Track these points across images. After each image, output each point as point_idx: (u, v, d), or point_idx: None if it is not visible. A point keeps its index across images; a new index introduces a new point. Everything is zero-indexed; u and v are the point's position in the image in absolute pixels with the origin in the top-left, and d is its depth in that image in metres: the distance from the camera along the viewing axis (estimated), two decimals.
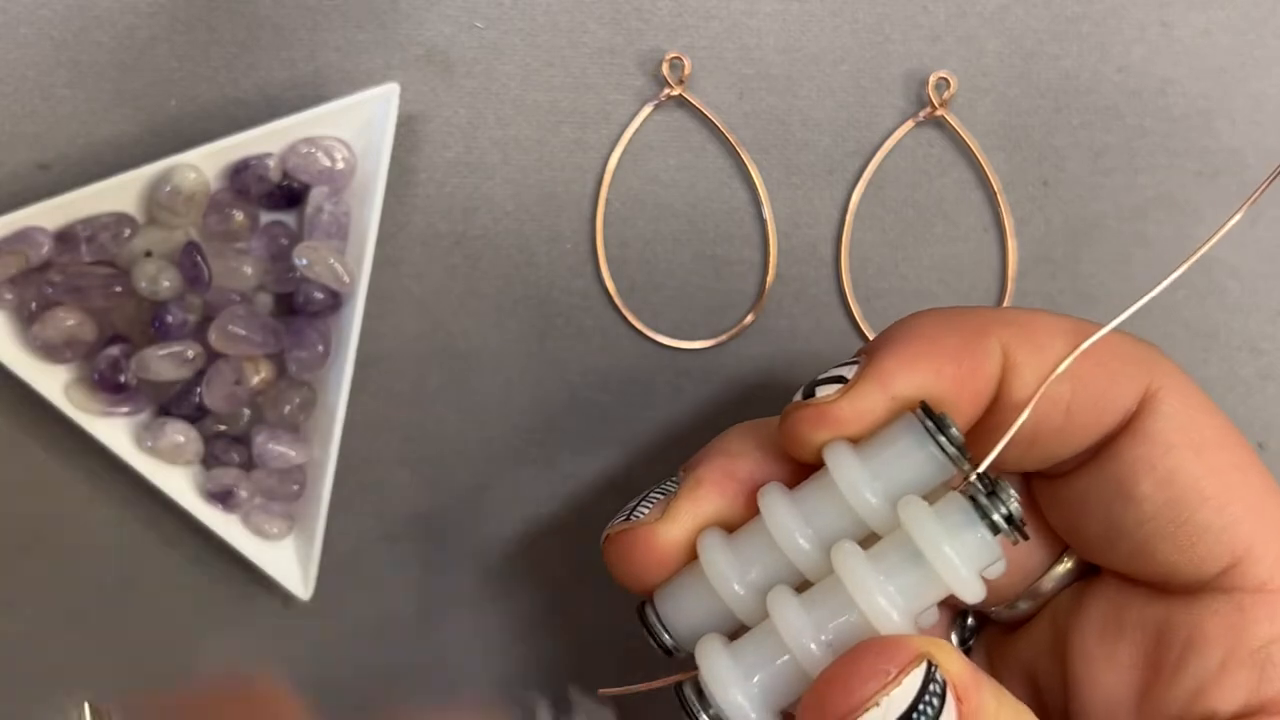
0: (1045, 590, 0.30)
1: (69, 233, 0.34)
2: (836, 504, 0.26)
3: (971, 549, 0.25)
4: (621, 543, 0.28)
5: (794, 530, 0.26)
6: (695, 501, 0.28)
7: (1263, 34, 0.38)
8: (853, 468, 0.26)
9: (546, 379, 0.38)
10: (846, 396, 0.27)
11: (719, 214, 0.38)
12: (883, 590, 0.25)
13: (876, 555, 0.26)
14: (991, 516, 0.25)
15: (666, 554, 0.28)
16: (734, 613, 0.27)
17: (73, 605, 0.37)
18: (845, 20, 0.38)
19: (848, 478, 0.26)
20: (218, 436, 0.36)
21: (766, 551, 0.27)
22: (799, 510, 0.27)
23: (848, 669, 0.24)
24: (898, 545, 0.26)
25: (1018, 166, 0.38)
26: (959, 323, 0.28)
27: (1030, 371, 0.27)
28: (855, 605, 0.25)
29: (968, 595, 0.25)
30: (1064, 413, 0.27)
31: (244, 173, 0.35)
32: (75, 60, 0.36)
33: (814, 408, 0.27)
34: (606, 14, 0.37)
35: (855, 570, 0.25)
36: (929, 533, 0.25)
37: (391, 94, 0.35)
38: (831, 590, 0.26)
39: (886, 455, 0.26)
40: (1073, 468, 0.28)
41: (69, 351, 0.35)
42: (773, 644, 0.26)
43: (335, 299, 0.36)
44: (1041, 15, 0.38)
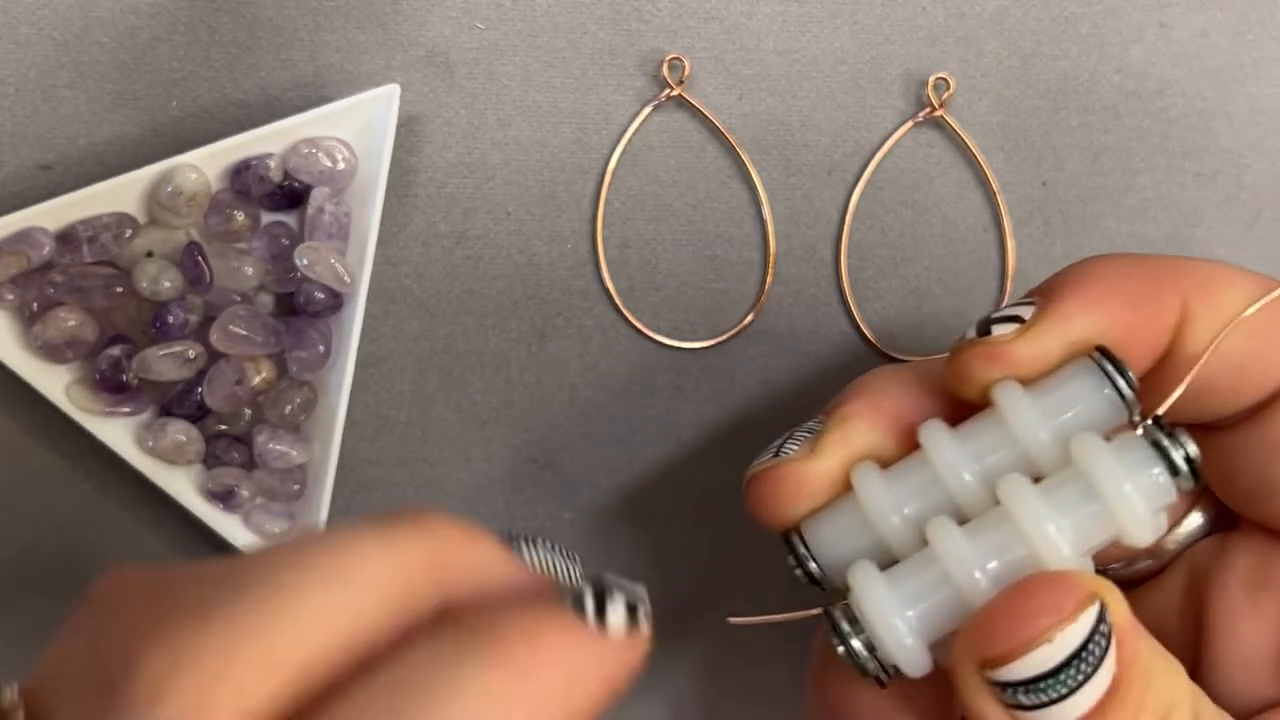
0: (1169, 549, 0.30)
1: (70, 233, 0.34)
2: (1005, 442, 0.26)
3: (1149, 488, 0.25)
4: (768, 480, 0.27)
5: (959, 463, 0.26)
6: (846, 436, 0.27)
7: (1261, 35, 0.38)
8: (1026, 406, 0.26)
9: (546, 379, 0.38)
10: (1025, 336, 0.26)
11: (719, 214, 0.38)
12: (1056, 523, 0.24)
13: (1048, 489, 0.25)
14: (1171, 457, 0.25)
15: (817, 489, 0.27)
16: (889, 546, 0.26)
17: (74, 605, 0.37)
18: (845, 21, 0.38)
19: (1021, 415, 0.25)
20: (219, 436, 0.36)
21: (927, 486, 0.26)
22: (964, 445, 0.26)
23: (1021, 601, 0.24)
24: (1072, 480, 0.25)
25: (1017, 167, 0.38)
26: (1139, 270, 0.27)
27: (1206, 326, 0.27)
28: (1025, 537, 0.24)
29: (1142, 536, 0.25)
30: (1236, 369, 0.27)
31: (245, 173, 0.35)
32: (77, 61, 0.36)
33: (989, 345, 0.26)
34: (607, 15, 0.37)
35: (1027, 502, 0.25)
36: (1108, 468, 0.24)
37: (392, 95, 0.35)
38: (998, 522, 0.25)
39: (1061, 396, 0.26)
40: (1233, 423, 0.28)
41: (70, 352, 0.35)
42: (933, 572, 0.25)
43: (336, 299, 0.36)
44: (1040, 16, 0.38)
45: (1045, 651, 0.23)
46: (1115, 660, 0.24)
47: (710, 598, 0.39)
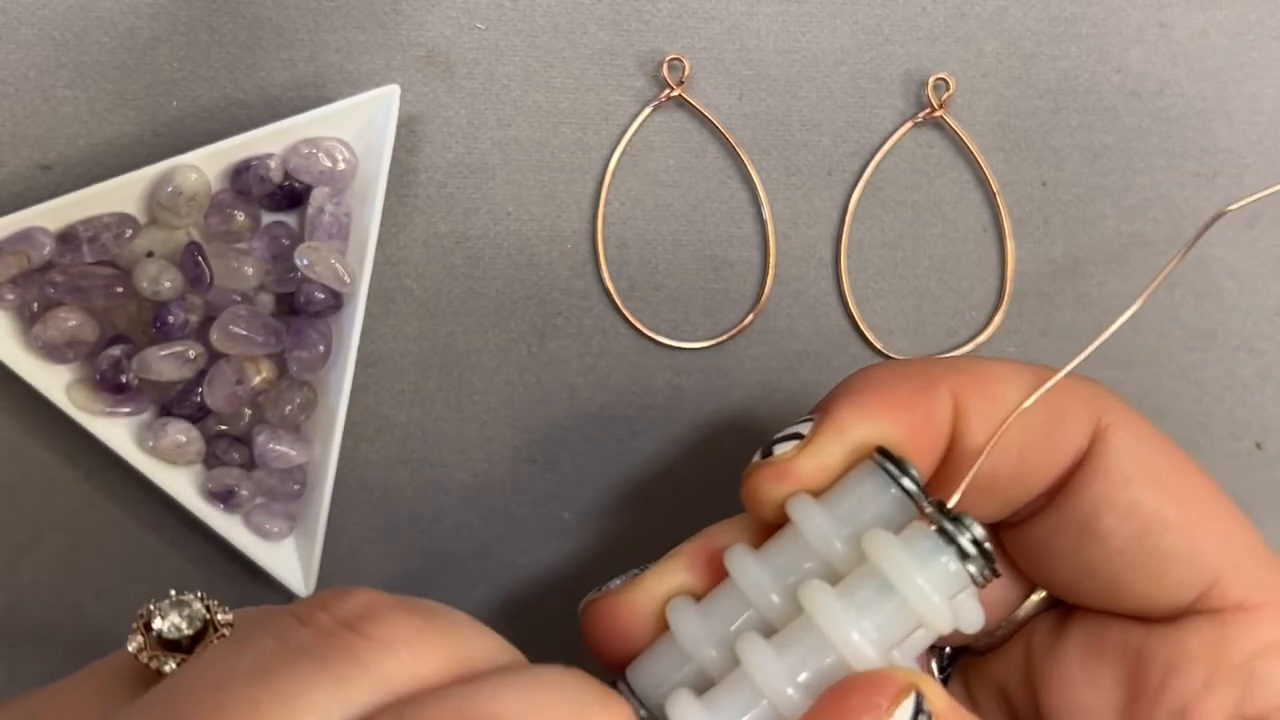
0: (1020, 619, 0.30)
1: (71, 233, 0.34)
2: (803, 554, 0.26)
3: (941, 577, 0.25)
4: (592, 612, 0.28)
5: (764, 583, 0.26)
6: (663, 572, 0.28)
7: (1260, 35, 0.38)
8: (817, 515, 0.26)
9: (546, 379, 0.38)
10: (805, 450, 0.27)
11: (719, 214, 0.38)
12: (857, 625, 0.25)
13: (846, 591, 0.25)
14: (959, 540, 0.25)
15: (636, 622, 0.28)
16: (708, 674, 0.26)
17: (74, 605, 0.37)
18: (845, 21, 0.38)
19: (813, 524, 0.26)
20: (219, 436, 0.36)
21: (736, 608, 0.26)
22: (767, 564, 0.26)
23: (839, 703, 0.24)
24: (867, 578, 0.25)
25: (1016, 167, 0.38)
26: (910, 373, 0.28)
27: (980, 417, 0.28)
28: (830, 644, 0.25)
29: (940, 623, 0.25)
30: (1017, 457, 0.28)
31: (245, 173, 0.35)
32: (77, 61, 0.36)
33: (773, 465, 0.27)
34: (606, 15, 0.37)
35: (827, 607, 0.25)
36: (898, 562, 0.25)
37: (392, 95, 0.35)
38: (804, 631, 0.25)
39: (849, 501, 0.26)
40: (1033, 512, 0.29)
41: (70, 352, 0.35)
42: (747, 691, 0.25)
43: (336, 299, 0.36)
44: (1040, 16, 0.38)
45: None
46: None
47: None
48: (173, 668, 0.23)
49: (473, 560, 0.38)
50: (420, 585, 0.38)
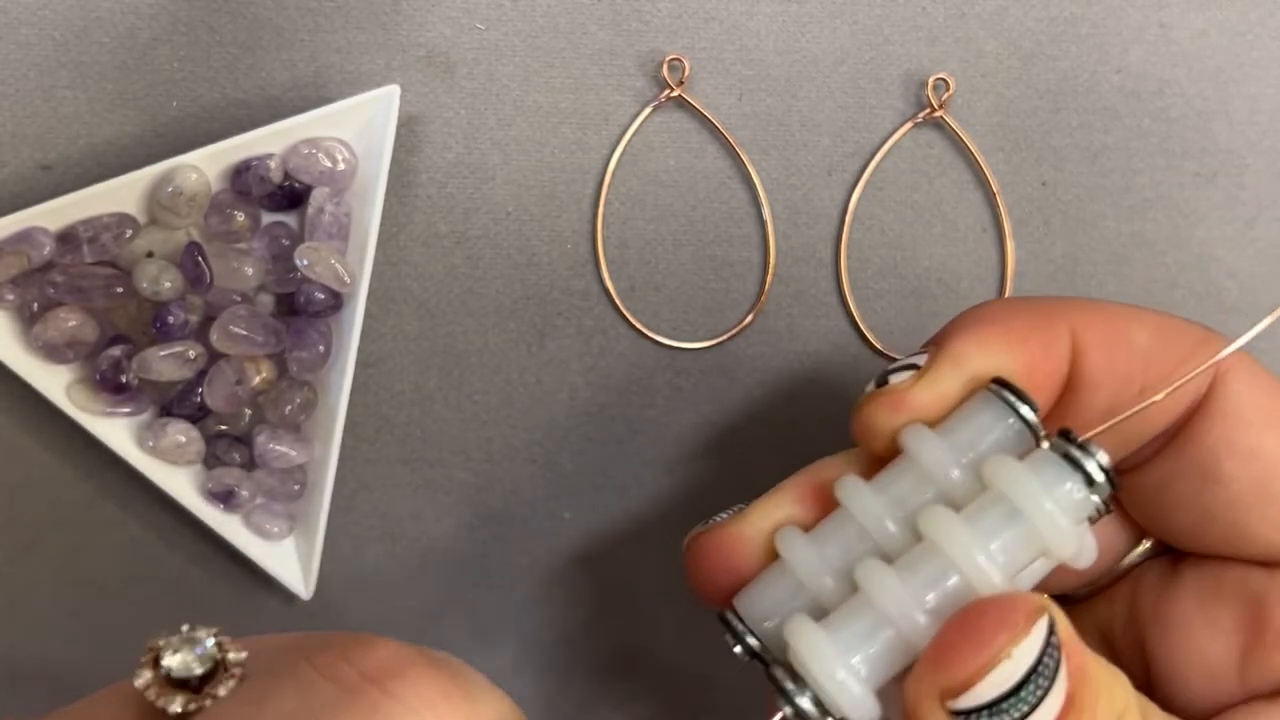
0: (1123, 568, 0.30)
1: (71, 233, 0.34)
2: (921, 484, 0.26)
3: (1067, 502, 0.25)
4: (697, 547, 0.28)
5: (880, 511, 0.26)
6: (769, 503, 0.28)
7: (1260, 35, 0.38)
8: (935, 444, 0.26)
9: (546, 379, 0.38)
10: (923, 380, 0.27)
11: (719, 215, 0.38)
12: (983, 549, 0.24)
13: (971, 516, 0.25)
14: (1085, 466, 0.25)
15: (744, 553, 0.27)
16: (822, 604, 0.26)
17: (74, 605, 0.37)
18: (844, 22, 0.38)
19: (930, 454, 0.26)
20: (219, 436, 0.36)
21: (852, 540, 0.26)
22: (882, 494, 0.26)
23: (975, 624, 0.24)
24: (992, 504, 0.25)
25: (1016, 167, 0.38)
26: (1026, 308, 0.28)
27: (1100, 353, 0.27)
28: (955, 567, 0.24)
29: (1066, 549, 0.25)
30: (1138, 394, 0.27)
31: (245, 173, 0.35)
32: (77, 61, 0.36)
33: (889, 394, 0.27)
34: (606, 16, 0.37)
35: (953, 531, 0.24)
36: (1026, 487, 0.24)
37: (392, 95, 0.35)
38: (927, 556, 0.25)
39: (967, 431, 0.26)
40: (1150, 454, 0.28)
41: (70, 352, 0.35)
42: (870, 616, 0.25)
43: (336, 299, 0.36)
44: (1040, 17, 0.38)
45: (1005, 670, 0.23)
46: (1066, 674, 0.24)
47: None
48: (178, 708, 0.22)
49: (473, 560, 0.38)
50: (420, 585, 0.38)
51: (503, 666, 0.39)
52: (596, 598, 0.39)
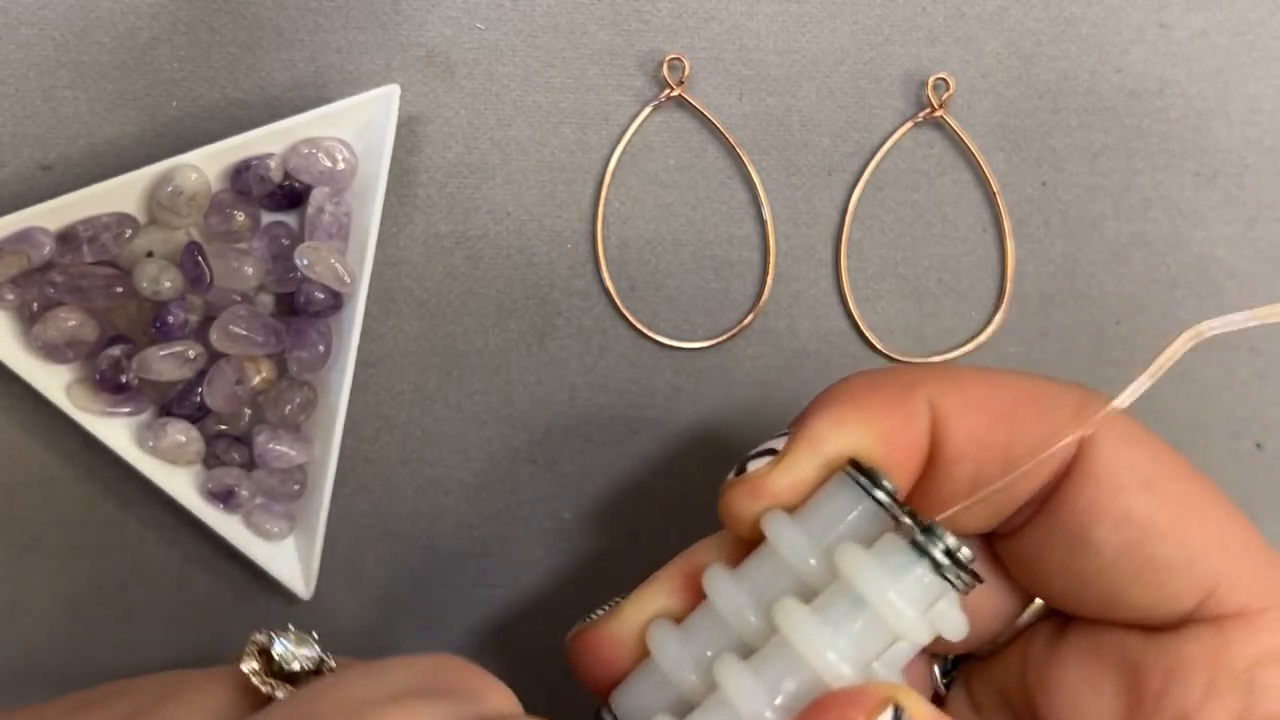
0: (1021, 625, 0.30)
1: (71, 233, 0.34)
2: (779, 571, 0.26)
3: (914, 588, 0.25)
4: (576, 644, 0.28)
5: (741, 603, 0.26)
6: (643, 597, 0.28)
7: (1260, 35, 0.38)
8: (790, 531, 0.26)
9: (546, 379, 0.38)
10: (779, 466, 0.27)
11: (719, 214, 0.38)
12: (831, 644, 0.25)
13: (820, 608, 0.25)
14: (931, 552, 0.25)
15: (618, 649, 0.28)
16: (688, 699, 0.26)
17: (74, 605, 0.37)
18: (844, 21, 0.38)
19: (786, 541, 0.26)
20: (219, 436, 0.36)
21: (716, 630, 0.26)
22: (743, 584, 0.26)
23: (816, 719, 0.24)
24: (840, 594, 0.25)
25: (1016, 167, 0.38)
26: (886, 380, 0.28)
27: (960, 423, 0.27)
28: (805, 663, 0.25)
29: (916, 636, 0.25)
30: (1002, 460, 0.27)
31: (245, 173, 0.35)
32: (77, 61, 0.36)
33: (746, 482, 0.27)
34: (606, 15, 0.37)
35: (801, 626, 0.25)
36: (869, 575, 0.25)
37: (392, 95, 0.35)
38: (780, 651, 0.25)
39: (823, 516, 0.26)
40: (1023, 521, 0.28)
41: (70, 352, 0.35)
42: (725, 715, 0.25)
43: (336, 299, 0.36)
44: (1040, 16, 0.38)
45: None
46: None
47: None
48: (281, 695, 0.25)
49: (473, 560, 0.38)
50: (420, 585, 0.38)
51: (503, 666, 0.39)
52: (596, 598, 0.39)
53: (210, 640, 0.38)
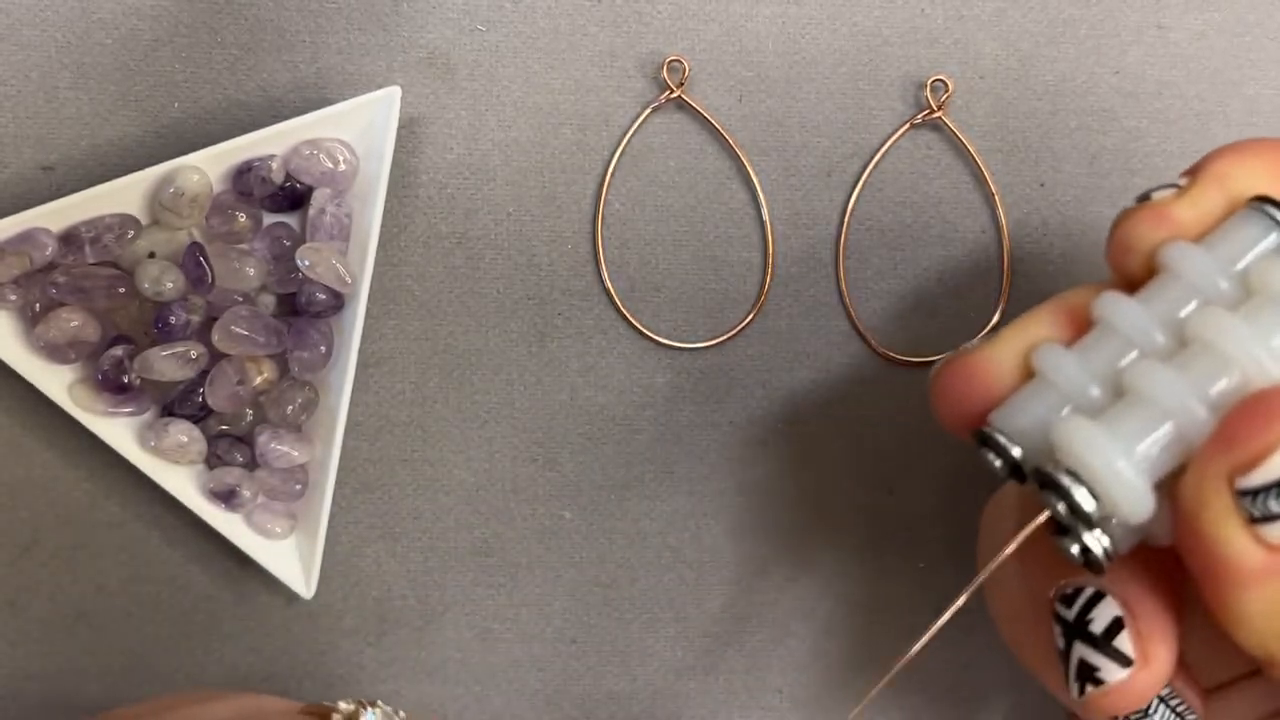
0: None
1: (73, 234, 0.34)
2: (1184, 296, 0.25)
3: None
4: (948, 372, 0.27)
5: (1144, 321, 0.25)
6: (1022, 327, 0.27)
7: (1258, 37, 0.39)
8: (1200, 256, 0.25)
9: (546, 379, 0.38)
10: (1186, 196, 0.26)
11: (718, 215, 0.38)
12: (1263, 344, 0.24)
13: (1247, 316, 0.25)
14: None
15: (998, 374, 0.27)
16: (1087, 412, 0.25)
17: (75, 604, 0.37)
18: (844, 23, 0.38)
19: (1197, 265, 0.25)
20: (220, 436, 0.36)
21: (1115, 352, 0.26)
22: (1147, 307, 0.26)
23: (1262, 404, 0.23)
24: (1269, 303, 0.24)
25: (1015, 169, 0.38)
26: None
27: None
28: (1234, 363, 0.24)
29: None
30: None
31: (247, 174, 0.35)
32: (79, 63, 0.36)
33: (1152, 208, 0.26)
34: (607, 17, 0.38)
35: (1231, 328, 0.24)
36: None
37: (393, 96, 0.35)
38: (1203, 355, 0.24)
39: (1230, 246, 0.26)
40: None
41: (72, 352, 0.35)
42: (1148, 411, 0.24)
43: (337, 300, 0.36)
44: (1038, 18, 0.38)
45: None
46: None
47: (710, 597, 0.39)
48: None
49: (473, 560, 0.38)
50: (420, 585, 0.38)
51: (503, 666, 0.39)
52: (596, 597, 0.39)
53: (211, 640, 0.38)
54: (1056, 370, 0.26)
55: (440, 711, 0.39)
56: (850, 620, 0.39)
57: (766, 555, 0.39)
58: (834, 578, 0.39)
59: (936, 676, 0.39)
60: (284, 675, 0.38)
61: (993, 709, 0.39)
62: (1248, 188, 0.26)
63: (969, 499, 0.39)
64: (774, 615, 0.39)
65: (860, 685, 0.39)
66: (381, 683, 0.38)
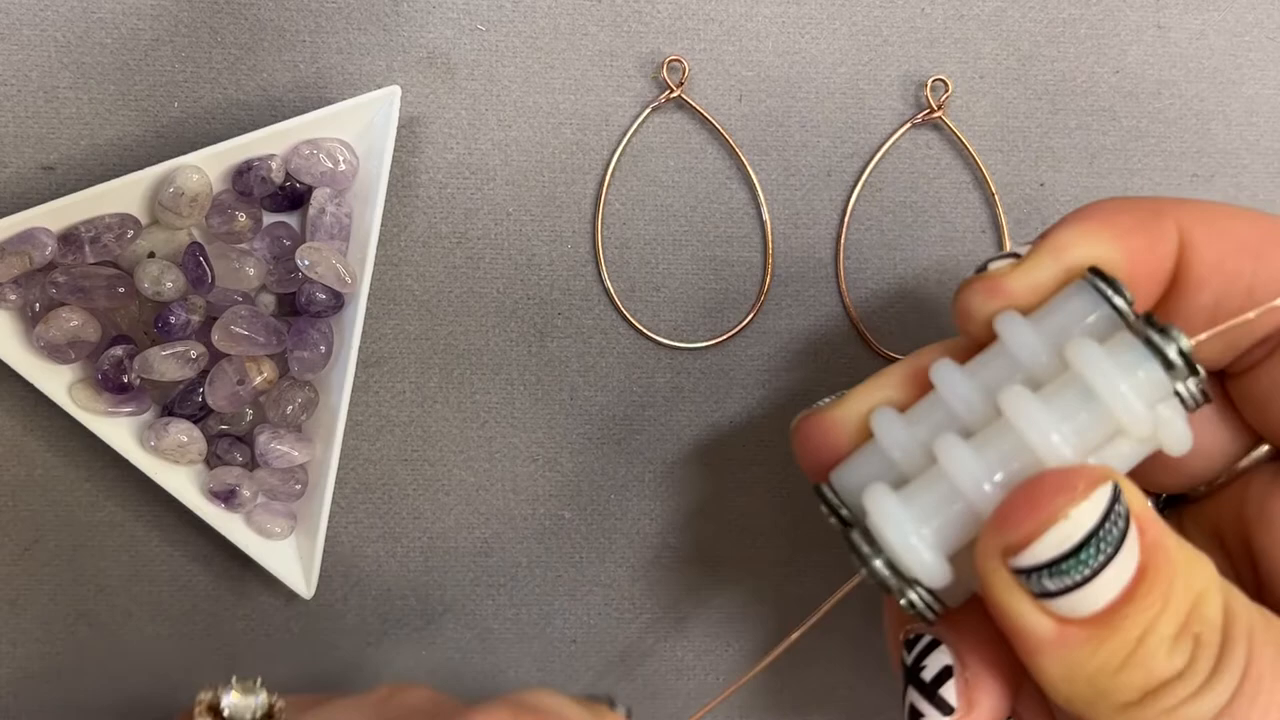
0: (1240, 470, 0.30)
1: (73, 234, 0.34)
2: (1009, 368, 0.26)
3: (1144, 384, 0.25)
4: (803, 427, 0.29)
5: (966, 392, 0.26)
6: (870, 388, 0.28)
7: (1258, 36, 0.39)
8: (1024, 330, 0.26)
9: (546, 379, 0.38)
10: (1020, 267, 0.27)
11: (718, 215, 0.38)
12: (1056, 427, 0.25)
13: (1048, 396, 0.25)
14: (1164, 351, 0.25)
15: (840, 432, 0.28)
16: (908, 477, 0.27)
17: (75, 604, 0.37)
18: (843, 23, 0.38)
19: (1019, 339, 0.26)
20: (221, 436, 0.36)
21: (940, 420, 0.27)
22: (971, 377, 0.27)
23: (1034, 488, 0.24)
24: (1069, 384, 0.25)
25: (1015, 168, 0.38)
26: (1136, 204, 0.28)
27: (1207, 251, 0.27)
28: (1028, 445, 0.25)
29: (1140, 428, 0.25)
30: (1246, 293, 0.27)
31: (247, 174, 0.35)
32: (79, 63, 0.36)
33: (986, 279, 0.27)
34: (607, 17, 0.38)
35: (1026, 408, 0.25)
36: (1100, 366, 0.25)
37: (393, 96, 0.35)
38: (1002, 433, 0.25)
39: (1058, 318, 0.26)
40: (1260, 359, 0.28)
41: (73, 352, 0.35)
42: (942, 487, 0.26)
43: (337, 299, 0.36)
44: (1038, 18, 0.38)
45: (1063, 530, 0.24)
46: (1138, 547, 0.24)
47: (710, 597, 0.39)
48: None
49: (473, 560, 0.38)
50: (420, 585, 0.38)
51: (503, 666, 0.39)
52: (596, 597, 0.39)
53: (211, 640, 0.38)
54: (883, 436, 0.27)
55: None
56: (851, 620, 0.39)
57: (767, 555, 0.39)
58: (834, 578, 0.39)
59: None
60: (284, 674, 0.38)
61: None
62: (1087, 256, 0.27)
63: None
64: (774, 615, 0.39)
65: (860, 685, 0.39)
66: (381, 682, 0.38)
